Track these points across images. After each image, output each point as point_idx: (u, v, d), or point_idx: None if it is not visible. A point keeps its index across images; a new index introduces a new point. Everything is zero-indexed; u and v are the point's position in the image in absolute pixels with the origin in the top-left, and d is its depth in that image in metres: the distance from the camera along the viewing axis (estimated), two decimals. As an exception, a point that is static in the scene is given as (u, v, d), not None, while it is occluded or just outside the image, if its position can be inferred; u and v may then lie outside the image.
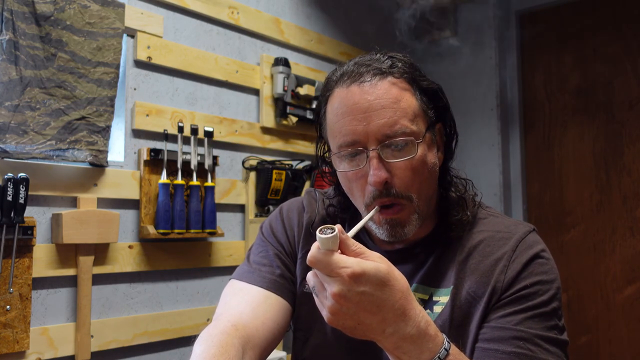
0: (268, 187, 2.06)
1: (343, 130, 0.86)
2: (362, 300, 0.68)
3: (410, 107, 0.86)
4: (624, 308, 2.54)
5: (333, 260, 0.68)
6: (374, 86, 0.85)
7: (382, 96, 0.84)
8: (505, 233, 0.91)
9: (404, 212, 0.86)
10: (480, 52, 2.90)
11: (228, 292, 0.96)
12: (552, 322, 0.83)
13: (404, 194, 0.85)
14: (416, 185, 0.86)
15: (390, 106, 0.84)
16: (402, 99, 0.85)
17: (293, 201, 1.09)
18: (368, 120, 0.83)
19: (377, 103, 0.84)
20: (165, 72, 1.88)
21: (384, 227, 0.88)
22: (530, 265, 0.86)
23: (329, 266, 0.68)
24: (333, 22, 2.59)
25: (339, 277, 0.68)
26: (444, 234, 0.93)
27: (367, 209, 0.87)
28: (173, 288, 1.86)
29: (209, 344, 0.79)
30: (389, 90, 0.85)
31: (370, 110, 0.84)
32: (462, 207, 0.93)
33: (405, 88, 0.87)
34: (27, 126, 1.47)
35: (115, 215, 1.64)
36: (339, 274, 0.68)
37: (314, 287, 0.73)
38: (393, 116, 0.83)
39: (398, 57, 0.90)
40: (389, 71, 0.87)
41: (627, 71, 2.61)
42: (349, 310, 0.69)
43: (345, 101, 0.86)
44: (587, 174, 2.69)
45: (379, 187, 0.84)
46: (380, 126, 0.83)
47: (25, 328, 1.45)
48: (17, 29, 1.46)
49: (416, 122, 0.86)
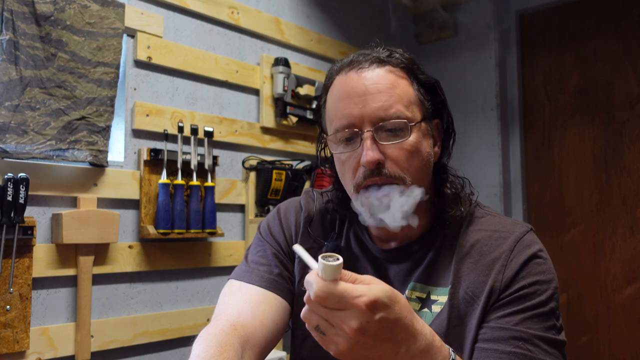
0: (268, 187, 2.06)
1: (340, 114, 0.88)
2: (379, 328, 0.64)
3: (406, 94, 0.88)
4: (624, 308, 2.54)
5: (346, 291, 0.62)
6: (371, 72, 0.88)
7: (378, 81, 0.87)
8: (503, 232, 0.91)
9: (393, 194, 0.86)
10: (480, 52, 2.90)
11: (226, 292, 0.96)
12: (550, 323, 0.84)
13: (397, 174, 0.85)
14: (410, 169, 0.86)
15: (386, 91, 0.86)
16: (398, 85, 0.87)
17: (290, 201, 1.09)
18: (364, 104, 0.86)
19: (374, 87, 0.86)
20: (165, 72, 1.88)
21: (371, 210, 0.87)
22: (528, 265, 0.86)
23: (342, 299, 0.62)
24: (333, 22, 2.59)
25: (356, 308, 0.62)
26: (440, 232, 0.93)
27: (356, 189, 0.88)
28: (173, 288, 1.86)
29: (208, 344, 0.79)
30: (386, 76, 0.88)
31: (366, 94, 0.86)
32: (457, 204, 0.93)
33: (402, 76, 0.89)
34: (27, 126, 1.47)
35: (115, 215, 1.64)
36: (355, 304, 0.62)
37: (317, 326, 0.65)
38: (388, 100, 0.85)
39: (397, 50, 0.92)
40: (387, 60, 0.89)
41: (627, 71, 2.61)
42: (366, 343, 0.64)
43: (344, 86, 0.89)
44: (587, 174, 2.69)
45: (370, 167, 0.85)
46: (375, 109, 0.85)
47: (25, 328, 1.45)
48: (17, 29, 1.46)
49: (411, 109, 0.87)
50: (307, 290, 0.64)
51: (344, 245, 1.00)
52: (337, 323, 0.63)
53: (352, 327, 0.62)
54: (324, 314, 0.64)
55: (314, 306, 0.64)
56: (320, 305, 0.63)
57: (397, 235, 0.94)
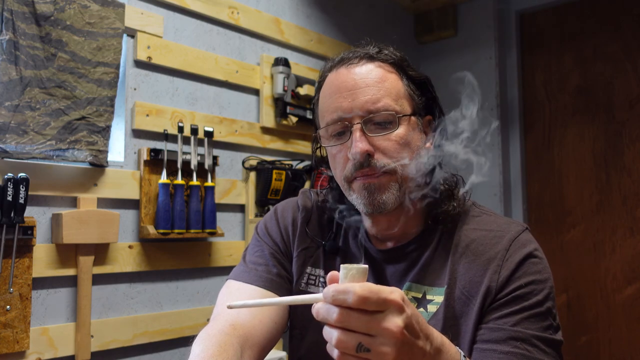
0: (268, 187, 2.06)
1: (330, 108, 0.90)
2: (413, 323, 0.61)
3: (395, 88, 0.89)
4: (624, 308, 2.54)
5: (380, 289, 0.58)
6: (360, 67, 0.90)
7: (367, 75, 0.88)
8: (498, 232, 0.91)
9: (384, 178, 0.86)
10: (480, 52, 2.90)
11: (225, 292, 0.97)
12: (547, 322, 0.84)
13: (387, 165, 0.86)
14: (399, 160, 0.87)
15: (375, 85, 0.88)
16: (387, 79, 0.89)
17: (288, 201, 1.10)
18: (353, 97, 0.87)
19: (362, 81, 0.88)
20: (165, 72, 1.88)
21: (362, 193, 0.88)
22: (524, 265, 0.86)
23: (382, 294, 0.57)
24: (333, 22, 2.59)
25: (395, 304, 0.58)
26: (435, 231, 0.94)
27: (346, 180, 0.89)
28: (173, 288, 1.86)
29: (208, 344, 0.79)
30: (375, 70, 0.89)
31: (355, 88, 0.88)
32: (450, 200, 0.93)
33: (391, 71, 0.91)
34: (27, 126, 1.47)
35: (115, 215, 1.64)
36: (394, 300, 0.58)
37: (359, 345, 0.58)
38: (377, 94, 0.87)
39: (387, 47, 0.94)
40: (376, 56, 0.91)
41: (627, 71, 2.61)
42: (409, 343, 0.60)
43: (334, 82, 0.91)
44: (587, 174, 2.69)
45: (359, 159, 0.85)
46: (364, 102, 0.86)
47: (25, 328, 1.45)
48: (17, 29, 1.46)
49: (400, 102, 0.89)
50: (338, 302, 0.58)
51: (341, 245, 1.01)
52: (381, 329, 0.58)
53: (399, 326, 0.58)
54: (365, 323, 0.58)
55: (353, 319, 0.58)
56: (359, 313, 0.57)
57: (394, 234, 0.95)
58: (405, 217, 0.92)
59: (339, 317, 0.58)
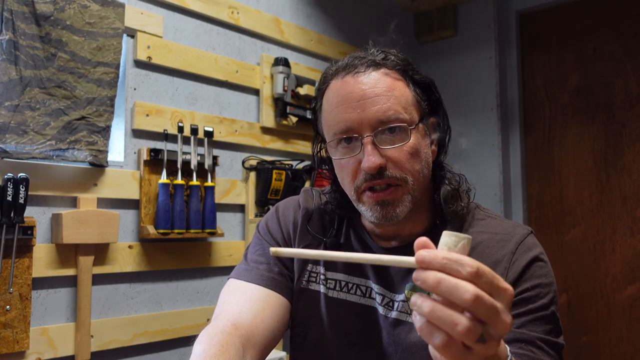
0: (268, 187, 2.06)
1: (337, 119, 0.87)
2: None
3: (404, 96, 0.88)
4: (624, 308, 2.54)
5: (491, 270, 0.52)
6: (367, 76, 0.87)
7: (375, 85, 0.86)
8: (504, 235, 0.91)
9: (397, 193, 0.86)
10: (480, 52, 2.90)
11: (226, 292, 0.96)
12: (551, 325, 0.84)
13: (399, 176, 0.85)
14: (411, 171, 0.86)
15: (384, 94, 0.86)
16: (395, 88, 0.87)
17: (289, 200, 1.10)
18: (362, 108, 0.85)
19: (371, 91, 0.86)
20: (165, 72, 1.88)
21: (374, 208, 0.87)
22: (530, 268, 0.87)
23: (496, 278, 0.52)
24: (333, 22, 2.59)
25: (507, 293, 0.52)
26: (441, 230, 0.93)
27: (357, 191, 0.88)
28: (173, 288, 1.86)
29: (209, 344, 0.79)
30: (383, 79, 0.87)
31: (364, 99, 0.86)
32: (456, 199, 0.93)
33: (398, 78, 0.89)
34: (27, 126, 1.47)
35: (115, 215, 1.64)
36: (508, 289, 0.52)
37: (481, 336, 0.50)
38: (386, 103, 0.85)
39: (391, 52, 0.92)
40: (382, 63, 0.89)
41: (627, 71, 2.61)
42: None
43: (340, 91, 0.88)
44: (587, 174, 2.69)
45: (372, 172, 0.85)
46: (374, 113, 0.85)
47: (25, 328, 1.45)
48: (17, 29, 1.46)
49: (409, 111, 0.87)
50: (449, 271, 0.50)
51: (343, 242, 1.00)
52: (500, 320, 0.51)
53: (511, 321, 0.52)
54: (489, 306, 0.49)
55: (486, 303, 0.49)
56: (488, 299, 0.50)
57: (400, 234, 0.94)
58: (413, 219, 0.93)
59: (474, 299, 0.49)
